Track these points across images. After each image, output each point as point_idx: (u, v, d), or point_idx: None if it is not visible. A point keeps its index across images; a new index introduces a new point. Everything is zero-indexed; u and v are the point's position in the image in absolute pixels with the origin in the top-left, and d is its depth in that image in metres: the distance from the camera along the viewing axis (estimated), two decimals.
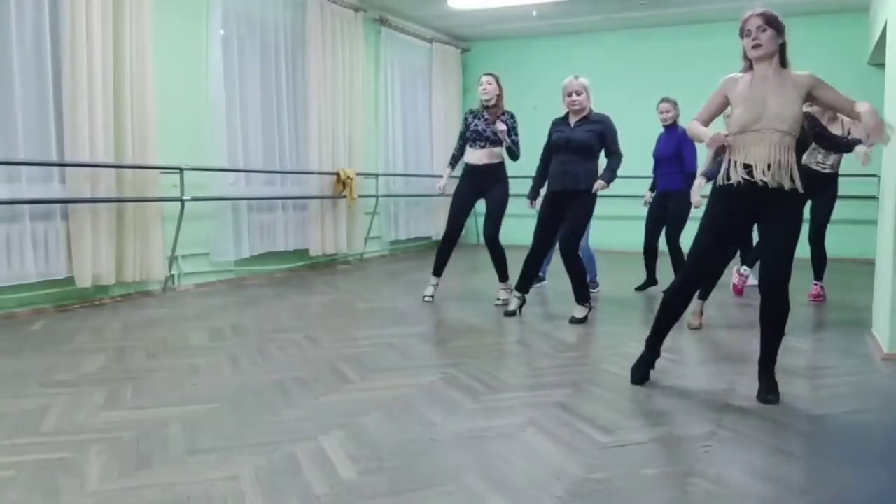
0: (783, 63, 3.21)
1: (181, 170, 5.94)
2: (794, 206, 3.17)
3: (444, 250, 5.68)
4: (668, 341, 4.31)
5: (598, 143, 4.90)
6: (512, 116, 5.53)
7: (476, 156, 5.55)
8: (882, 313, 4.09)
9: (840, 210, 8.69)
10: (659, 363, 3.85)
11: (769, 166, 3.08)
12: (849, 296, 6.09)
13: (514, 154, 5.50)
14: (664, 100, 6.07)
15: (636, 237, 6.89)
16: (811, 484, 2.32)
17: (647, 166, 6.32)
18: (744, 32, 3.21)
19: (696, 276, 3.36)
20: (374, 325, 4.88)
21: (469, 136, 5.58)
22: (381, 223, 8.99)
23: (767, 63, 3.18)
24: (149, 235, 5.76)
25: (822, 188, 5.59)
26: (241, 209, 6.80)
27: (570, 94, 4.86)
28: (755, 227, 3.39)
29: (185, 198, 5.98)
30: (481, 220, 6.34)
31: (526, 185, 5.32)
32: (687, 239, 5.57)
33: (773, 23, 3.17)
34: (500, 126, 5.34)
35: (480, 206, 5.71)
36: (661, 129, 6.15)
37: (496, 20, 9.42)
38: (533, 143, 5.68)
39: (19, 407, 3.04)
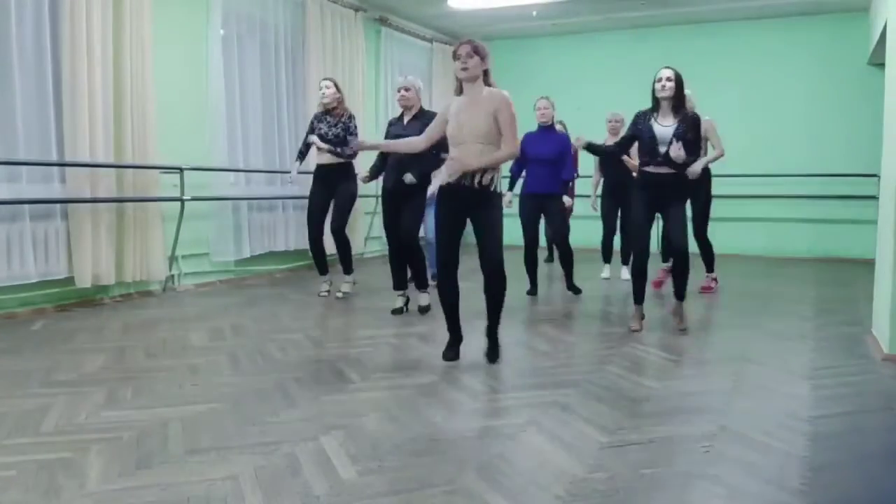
0: (487, 83, 3.70)
1: (181, 170, 5.93)
2: (492, 201, 3.70)
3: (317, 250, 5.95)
4: (668, 341, 4.33)
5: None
6: (351, 118, 5.74)
7: (324, 157, 5.74)
8: (882, 313, 4.09)
9: (840, 210, 8.82)
10: (659, 363, 3.86)
11: (472, 173, 3.63)
12: (849, 296, 6.09)
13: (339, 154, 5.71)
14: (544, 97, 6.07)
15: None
16: (811, 484, 2.32)
17: None
18: (455, 56, 3.66)
19: (441, 262, 3.82)
20: (374, 325, 4.87)
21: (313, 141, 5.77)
22: (381, 223, 8.97)
23: (471, 84, 3.67)
24: (149, 235, 5.76)
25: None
26: (242, 209, 6.80)
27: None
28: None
29: (185, 198, 5.98)
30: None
31: None
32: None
33: (479, 51, 3.64)
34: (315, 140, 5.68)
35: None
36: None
37: (496, 20, 9.42)
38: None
39: (19, 407, 3.04)
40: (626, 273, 6.84)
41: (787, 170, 8.97)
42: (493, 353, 3.86)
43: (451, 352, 3.90)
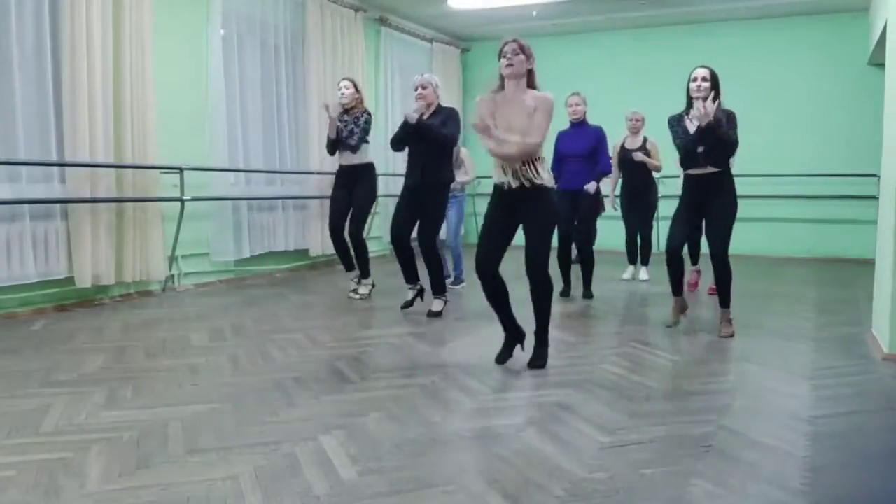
0: (532, 85, 3.68)
1: (181, 170, 5.94)
2: (542, 202, 3.61)
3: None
4: (668, 341, 4.33)
5: None
6: (364, 113, 5.76)
7: (346, 157, 5.81)
8: (882, 313, 4.09)
9: (840, 210, 8.82)
10: (659, 363, 3.86)
11: (514, 170, 3.59)
12: (849, 296, 6.09)
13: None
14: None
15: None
16: (811, 484, 2.32)
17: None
18: (501, 54, 3.63)
19: (479, 265, 3.73)
20: (374, 325, 4.88)
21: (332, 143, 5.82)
22: (381, 223, 8.98)
23: (515, 82, 3.63)
24: (149, 235, 5.76)
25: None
26: (241, 209, 6.80)
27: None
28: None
29: (185, 198, 5.98)
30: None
31: None
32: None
33: (524, 50, 3.63)
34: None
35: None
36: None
37: (496, 20, 9.42)
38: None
39: (19, 407, 3.04)
40: (644, 274, 6.82)
41: (787, 170, 8.98)
42: (535, 358, 3.75)
43: (505, 353, 3.84)
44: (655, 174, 6.66)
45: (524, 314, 3.84)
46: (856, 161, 8.58)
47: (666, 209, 8.22)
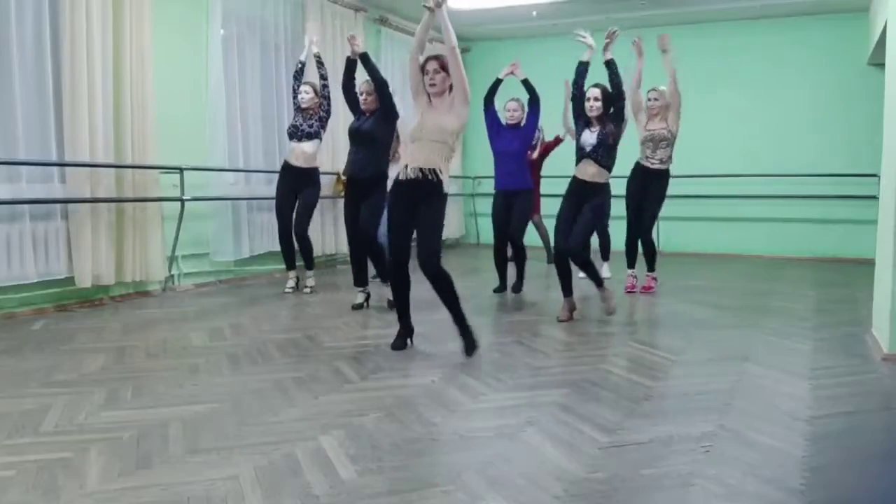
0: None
1: (181, 170, 5.94)
2: (436, 199, 3.84)
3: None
4: (668, 341, 4.33)
5: None
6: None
7: (295, 158, 6.08)
8: (882, 313, 4.09)
9: (840, 210, 8.83)
10: (659, 363, 3.86)
11: (420, 168, 3.81)
12: (849, 296, 6.09)
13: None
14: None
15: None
16: (810, 484, 2.32)
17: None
18: (423, 70, 3.84)
19: (393, 259, 3.96)
20: (374, 325, 4.88)
21: (289, 131, 6.11)
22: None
23: (440, 98, 3.87)
24: (148, 235, 5.76)
25: (653, 182, 5.94)
26: (241, 209, 6.81)
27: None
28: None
29: (185, 198, 5.98)
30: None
31: None
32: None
33: (445, 68, 3.82)
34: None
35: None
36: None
37: (496, 20, 9.42)
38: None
39: (19, 407, 3.04)
40: (606, 271, 6.80)
41: (786, 170, 8.98)
42: (466, 348, 3.92)
43: (400, 342, 4.10)
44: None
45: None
46: (855, 161, 8.58)
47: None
